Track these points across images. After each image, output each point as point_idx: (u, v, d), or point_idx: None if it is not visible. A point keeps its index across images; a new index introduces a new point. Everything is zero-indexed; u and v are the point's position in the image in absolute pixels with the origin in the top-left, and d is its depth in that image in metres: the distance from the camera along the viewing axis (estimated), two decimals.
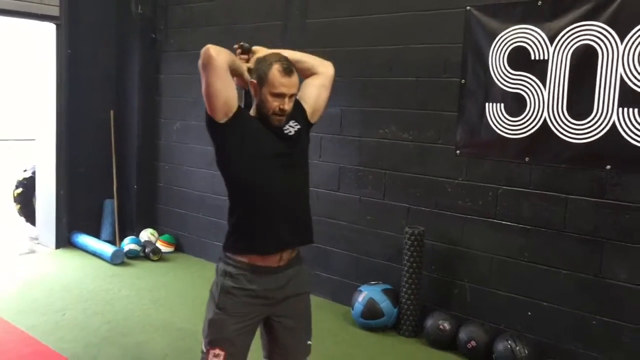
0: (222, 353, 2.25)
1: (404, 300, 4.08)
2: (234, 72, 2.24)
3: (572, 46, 3.44)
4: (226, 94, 2.17)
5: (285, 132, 2.28)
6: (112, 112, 6.10)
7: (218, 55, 2.12)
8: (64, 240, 5.92)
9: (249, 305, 2.27)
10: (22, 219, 6.52)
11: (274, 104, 2.20)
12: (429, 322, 3.96)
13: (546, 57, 3.54)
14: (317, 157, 4.67)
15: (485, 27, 3.77)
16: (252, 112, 2.30)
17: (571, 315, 3.55)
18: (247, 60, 2.33)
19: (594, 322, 3.46)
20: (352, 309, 4.23)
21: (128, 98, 6.11)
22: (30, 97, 6.51)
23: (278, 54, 2.26)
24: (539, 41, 3.56)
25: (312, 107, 2.41)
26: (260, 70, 2.20)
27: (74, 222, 5.97)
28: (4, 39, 11.69)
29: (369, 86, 4.42)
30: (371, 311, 4.12)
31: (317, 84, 2.43)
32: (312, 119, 2.42)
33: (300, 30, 4.78)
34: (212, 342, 2.28)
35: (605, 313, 3.43)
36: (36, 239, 6.17)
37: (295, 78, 2.22)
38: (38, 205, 6.17)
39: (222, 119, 2.19)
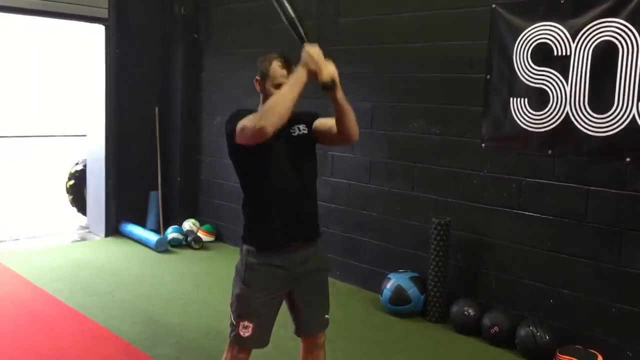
0: (250, 324, 2.46)
1: (430, 287, 4.25)
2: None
3: (593, 42, 3.54)
4: None
5: (291, 132, 2.45)
6: (157, 109, 6.36)
7: (271, 131, 2.20)
8: (112, 229, 6.25)
9: (271, 279, 2.47)
10: (74, 209, 6.91)
11: None
12: (455, 309, 4.12)
13: (568, 53, 3.64)
14: (349, 150, 4.87)
15: (510, 25, 3.90)
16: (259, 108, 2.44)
17: (591, 303, 3.65)
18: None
19: (613, 310, 3.56)
20: (381, 296, 4.42)
21: (172, 95, 6.39)
22: (81, 96, 6.82)
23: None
24: (561, 38, 3.67)
25: (315, 134, 2.52)
26: (262, 67, 2.41)
27: (121, 212, 6.29)
28: (56, 40, 12.24)
29: (398, 82, 4.58)
30: (399, 297, 4.30)
31: (329, 135, 2.49)
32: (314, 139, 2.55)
33: (334, 28, 4.97)
34: (240, 315, 2.48)
35: (625, 301, 3.52)
36: (87, 227, 6.54)
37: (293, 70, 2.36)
38: (89, 196, 6.53)
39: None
